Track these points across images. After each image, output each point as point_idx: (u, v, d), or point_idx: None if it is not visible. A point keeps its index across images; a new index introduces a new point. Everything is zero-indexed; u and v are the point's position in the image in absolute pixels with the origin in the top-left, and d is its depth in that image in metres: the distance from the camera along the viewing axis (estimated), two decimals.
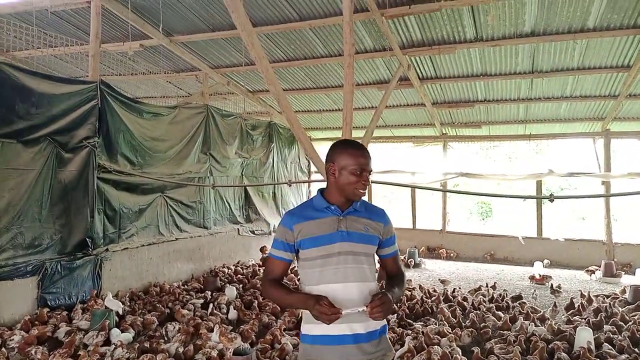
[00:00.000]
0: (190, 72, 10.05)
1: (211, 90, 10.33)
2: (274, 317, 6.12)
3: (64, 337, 5.13)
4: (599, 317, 6.18)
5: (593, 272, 9.40)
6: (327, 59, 8.84)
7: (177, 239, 8.37)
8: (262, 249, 10.34)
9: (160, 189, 8.05)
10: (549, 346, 5.12)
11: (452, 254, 11.40)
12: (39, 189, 6.08)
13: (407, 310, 6.55)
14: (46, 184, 6.18)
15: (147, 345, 4.93)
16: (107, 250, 6.96)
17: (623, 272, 9.34)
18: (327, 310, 1.96)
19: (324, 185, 2.35)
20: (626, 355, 4.88)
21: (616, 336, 5.55)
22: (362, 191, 2.20)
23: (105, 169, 6.93)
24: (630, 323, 5.87)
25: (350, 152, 2.20)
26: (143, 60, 9.60)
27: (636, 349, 5.04)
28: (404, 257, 10.71)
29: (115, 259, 7.11)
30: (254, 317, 6.05)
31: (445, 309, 6.48)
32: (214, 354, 4.64)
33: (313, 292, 2.11)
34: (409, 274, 9.46)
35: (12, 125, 5.75)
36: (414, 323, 5.99)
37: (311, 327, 2.14)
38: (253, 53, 4.89)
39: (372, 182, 13.11)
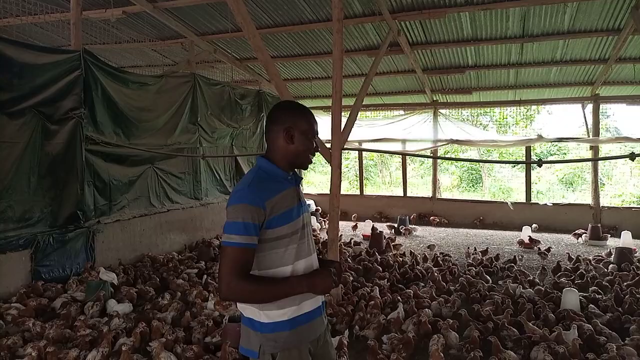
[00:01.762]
0: (175, 39, 9.80)
1: (198, 58, 10.11)
2: None
3: (59, 308, 5.17)
4: (585, 279, 6.36)
5: (580, 235, 9.60)
6: (315, 24, 8.66)
7: (168, 210, 8.37)
8: None
9: (149, 160, 7.99)
10: (536, 307, 5.27)
11: (443, 221, 11.55)
12: (26, 161, 6.00)
13: (398, 275, 6.68)
14: (34, 157, 6.09)
15: (146, 314, 5.00)
16: (98, 222, 6.95)
17: (609, 235, 9.55)
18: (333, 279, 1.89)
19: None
20: (610, 314, 5.04)
21: (600, 296, 5.73)
22: (312, 158, 2.06)
23: (92, 141, 6.84)
24: (615, 284, 6.04)
25: (307, 115, 2.00)
26: (127, 28, 9.33)
27: (620, 309, 5.20)
28: (395, 224, 10.85)
29: (108, 231, 7.11)
30: None
31: (435, 274, 6.62)
32: (209, 322, 4.71)
33: (289, 273, 1.90)
34: (399, 240, 9.59)
35: None
36: (405, 288, 6.12)
37: (286, 311, 1.88)
38: (239, 18, 4.78)
39: (365, 150, 13.14)
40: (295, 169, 2.10)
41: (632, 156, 5.39)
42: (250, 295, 1.82)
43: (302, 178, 2.51)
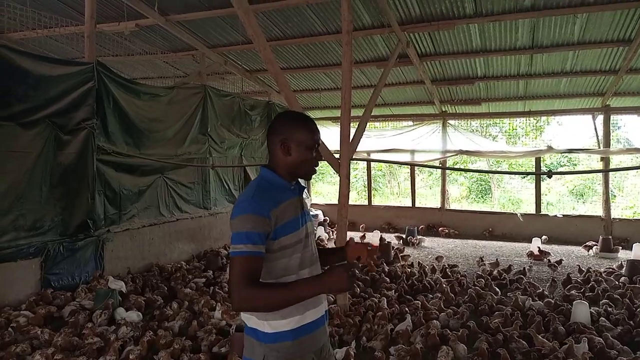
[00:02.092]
0: (187, 51, 9.94)
1: (208, 70, 10.25)
2: None
3: (68, 316, 5.22)
4: (595, 292, 6.28)
5: (591, 247, 9.48)
6: (325, 36, 8.75)
7: (177, 219, 8.43)
8: None
9: (159, 170, 8.08)
10: (546, 319, 5.21)
11: (451, 232, 11.48)
12: (38, 171, 6.10)
13: (406, 286, 6.65)
14: (46, 166, 6.20)
15: (153, 324, 5.02)
16: (108, 231, 7.03)
17: (620, 247, 9.42)
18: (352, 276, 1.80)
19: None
20: (621, 327, 4.97)
21: (612, 309, 5.65)
22: (315, 168, 2.04)
23: (104, 151, 6.94)
24: (626, 297, 5.96)
25: (307, 126, 1.98)
26: (139, 41, 9.50)
27: (631, 322, 5.13)
28: (404, 235, 10.81)
29: (117, 240, 7.18)
30: None
31: (444, 285, 6.58)
32: (215, 332, 4.72)
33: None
34: (407, 251, 9.55)
35: (10, 107, 5.74)
36: (413, 299, 6.08)
37: (290, 321, 1.86)
38: (250, 31, 4.85)
39: (374, 160, 13.15)
40: (299, 179, 2.10)
41: None
42: (263, 302, 1.74)
43: (305, 187, 2.53)
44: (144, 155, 7.58)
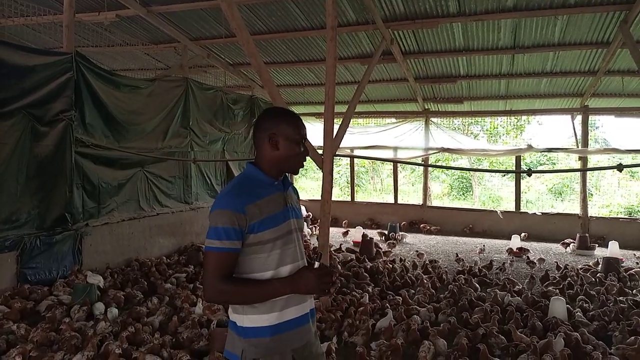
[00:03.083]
0: (168, 44, 9.80)
1: (191, 62, 10.11)
2: None
3: (45, 311, 5.11)
4: (572, 289, 6.40)
5: (568, 244, 9.67)
6: (309, 31, 8.71)
7: (158, 213, 8.32)
8: None
9: (140, 164, 7.96)
10: (524, 315, 5.30)
11: (432, 228, 11.58)
12: (14, 163, 5.95)
13: (387, 282, 6.69)
14: (22, 158, 6.04)
15: (131, 319, 4.95)
16: (86, 225, 6.90)
17: (596, 245, 9.63)
18: (329, 280, 1.86)
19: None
20: (596, 323, 5.08)
21: (587, 305, 5.77)
22: (302, 163, 2.05)
23: (82, 143, 6.80)
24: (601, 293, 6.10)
25: (294, 121, 2.00)
26: (120, 32, 9.33)
27: (606, 317, 5.25)
28: (386, 231, 10.87)
29: (96, 234, 7.05)
30: None
31: (425, 281, 6.64)
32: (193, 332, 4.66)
33: (270, 278, 1.89)
34: (386, 247, 9.60)
35: None
36: (394, 295, 6.12)
37: (269, 317, 1.88)
38: (233, 24, 4.79)
39: (357, 157, 13.19)
40: (287, 175, 2.10)
41: (619, 167, 5.48)
42: (233, 297, 1.87)
43: (292, 183, 2.51)
44: (123, 148, 7.45)
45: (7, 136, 5.84)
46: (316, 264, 1.89)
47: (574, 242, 9.68)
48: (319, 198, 5.86)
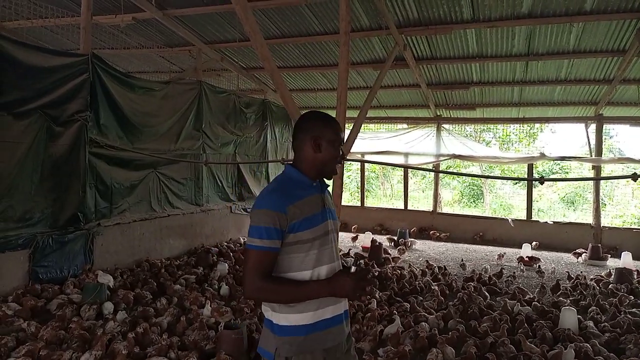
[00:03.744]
0: (183, 47, 9.90)
1: (205, 66, 10.21)
2: None
3: (55, 309, 5.17)
4: (586, 300, 6.32)
5: (580, 254, 9.55)
6: (322, 36, 8.75)
7: (169, 215, 8.38)
8: None
9: (152, 165, 8.02)
10: (534, 324, 5.24)
11: (442, 235, 11.51)
12: (29, 162, 6.03)
13: (396, 288, 6.66)
14: (37, 158, 6.12)
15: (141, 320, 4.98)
16: (99, 225, 6.97)
17: (609, 255, 9.50)
18: (365, 285, 1.90)
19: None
20: (608, 335, 5.00)
21: (599, 317, 5.69)
22: (338, 166, 2.12)
23: (96, 144, 6.88)
24: (612, 305, 6.01)
25: (335, 125, 2.07)
26: (136, 34, 9.45)
27: (618, 329, 5.17)
28: (395, 237, 10.83)
29: (108, 234, 7.12)
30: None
31: (434, 288, 6.59)
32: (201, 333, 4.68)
33: (308, 278, 1.95)
34: (397, 253, 9.56)
35: (2, 96, 5.66)
36: (403, 301, 6.09)
37: (304, 316, 1.93)
38: (247, 28, 4.84)
39: (367, 162, 13.19)
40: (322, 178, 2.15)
41: (634, 177, 5.40)
42: (271, 295, 1.91)
43: (329, 186, 2.54)
44: (136, 149, 7.53)
45: (23, 136, 5.93)
46: (353, 269, 1.91)
47: (586, 252, 9.56)
48: None
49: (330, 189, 2.28)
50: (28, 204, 6.03)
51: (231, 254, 8.53)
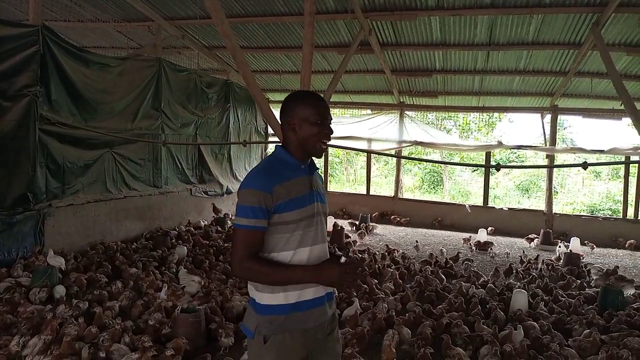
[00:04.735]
0: (142, 22, 9.51)
1: (164, 43, 9.85)
2: (224, 277, 6.13)
3: (3, 293, 4.94)
4: (536, 283, 6.58)
5: (532, 239, 9.94)
6: (288, 17, 8.60)
7: (125, 196, 8.12)
8: (215, 209, 10.26)
9: (108, 144, 7.73)
10: (487, 306, 5.42)
11: (402, 220, 11.71)
12: None
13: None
14: None
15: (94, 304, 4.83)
16: (50, 205, 6.67)
17: (559, 240, 9.93)
18: (354, 275, 1.90)
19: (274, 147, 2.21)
20: (555, 315, 5.24)
21: (547, 298, 5.95)
22: (325, 143, 2.05)
23: (48, 121, 6.55)
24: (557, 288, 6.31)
25: (309, 101, 2.03)
26: (91, 7, 9.00)
27: (565, 310, 5.42)
28: (357, 222, 10.94)
29: (60, 215, 6.84)
30: (204, 276, 6.03)
31: (393, 272, 6.70)
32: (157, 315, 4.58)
33: (290, 258, 1.96)
34: (355, 237, 9.67)
35: None
36: (363, 285, 6.16)
37: (285, 295, 1.94)
38: (208, 4, 4.68)
39: (331, 146, 13.19)
40: (313, 160, 2.15)
41: (584, 165, 5.63)
42: (257, 276, 1.93)
43: (318, 168, 2.50)
44: (91, 127, 7.22)
45: None
46: (342, 259, 1.91)
47: (538, 238, 9.96)
48: None
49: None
50: None
51: (190, 237, 8.38)
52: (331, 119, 2.08)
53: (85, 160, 7.33)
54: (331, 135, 2.06)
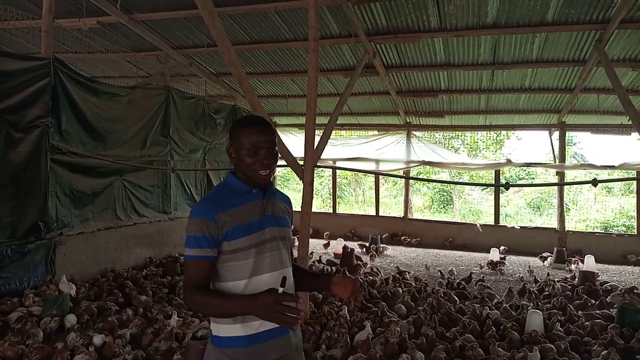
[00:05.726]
0: (150, 51, 9.71)
1: (172, 71, 10.04)
2: None
3: (15, 323, 4.95)
4: (551, 303, 6.46)
5: (546, 258, 9.79)
6: (292, 43, 8.74)
7: (135, 223, 8.17)
8: None
9: (117, 172, 7.82)
10: (501, 328, 5.32)
11: (413, 241, 11.61)
12: None
13: (367, 294, 6.66)
14: None
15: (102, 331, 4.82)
16: (61, 234, 6.73)
17: (573, 259, 9.77)
18: (290, 310, 1.70)
19: (282, 171, 2.20)
20: (572, 336, 5.12)
21: (563, 318, 5.82)
22: (262, 173, 1.94)
23: (59, 150, 6.66)
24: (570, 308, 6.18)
25: (243, 130, 1.95)
26: (100, 38, 9.22)
27: (582, 331, 5.30)
28: (367, 243, 10.86)
29: (70, 244, 6.89)
30: None
31: (405, 295, 6.62)
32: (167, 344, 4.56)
33: (243, 287, 1.87)
34: (367, 259, 9.59)
35: None
36: (373, 307, 6.08)
37: (244, 326, 1.85)
38: (214, 33, 4.77)
39: (339, 168, 13.22)
40: (272, 183, 2.12)
41: (594, 182, 5.58)
42: (203, 308, 1.89)
43: (275, 192, 2.44)
44: (100, 156, 7.33)
45: None
46: (280, 290, 1.75)
47: (551, 256, 9.81)
48: (300, 209, 5.82)
49: (299, 195, 2.23)
50: None
51: None
52: (273, 146, 1.96)
53: (95, 188, 7.42)
54: (336, 157, 1.99)
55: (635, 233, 10.96)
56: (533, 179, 17.88)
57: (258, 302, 1.73)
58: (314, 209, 5.78)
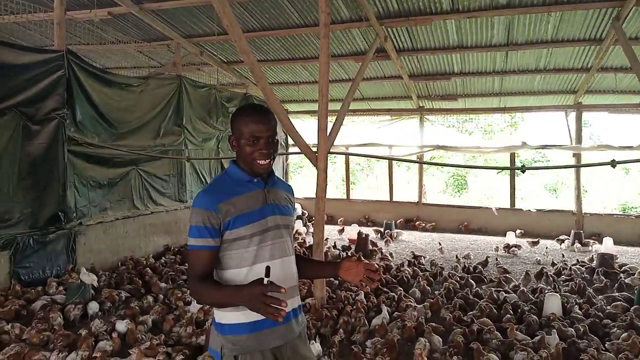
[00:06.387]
0: (161, 41, 9.73)
1: (184, 60, 10.06)
2: None
3: (39, 310, 5.08)
4: (569, 286, 6.42)
5: (563, 241, 9.70)
6: (303, 29, 8.68)
7: (152, 212, 8.29)
8: None
9: (133, 162, 7.92)
10: (519, 311, 5.31)
11: (428, 226, 11.59)
12: (6, 162, 5.92)
13: (383, 279, 6.68)
14: (14, 157, 6.01)
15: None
16: (80, 224, 6.86)
17: (591, 241, 9.66)
18: (274, 301, 1.63)
19: (295, 158, 2.17)
20: (591, 318, 5.10)
21: (582, 301, 5.79)
22: (261, 162, 1.95)
23: (75, 141, 6.75)
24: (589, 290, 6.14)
25: (243, 119, 1.96)
26: (112, 29, 9.25)
27: (601, 313, 5.27)
28: (381, 229, 10.88)
29: (90, 233, 7.02)
30: None
31: (421, 279, 6.63)
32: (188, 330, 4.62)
33: (245, 275, 1.89)
34: (382, 244, 9.60)
35: None
36: (389, 292, 6.11)
37: (246, 314, 1.83)
38: (225, 21, 4.76)
39: (351, 154, 13.19)
40: (273, 172, 2.11)
41: (613, 163, 5.49)
42: (204, 298, 1.93)
43: (277, 180, 2.43)
44: (115, 146, 7.41)
45: None
46: (265, 280, 1.69)
47: (568, 239, 9.72)
48: (314, 196, 5.84)
49: (312, 182, 2.24)
50: (7, 205, 5.93)
51: None
52: (272, 135, 1.98)
53: (112, 178, 7.52)
54: (349, 143, 1.97)
55: None
56: (549, 161, 17.64)
57: (244, 292, 1.72)
58: (327, 195, 5.78)
